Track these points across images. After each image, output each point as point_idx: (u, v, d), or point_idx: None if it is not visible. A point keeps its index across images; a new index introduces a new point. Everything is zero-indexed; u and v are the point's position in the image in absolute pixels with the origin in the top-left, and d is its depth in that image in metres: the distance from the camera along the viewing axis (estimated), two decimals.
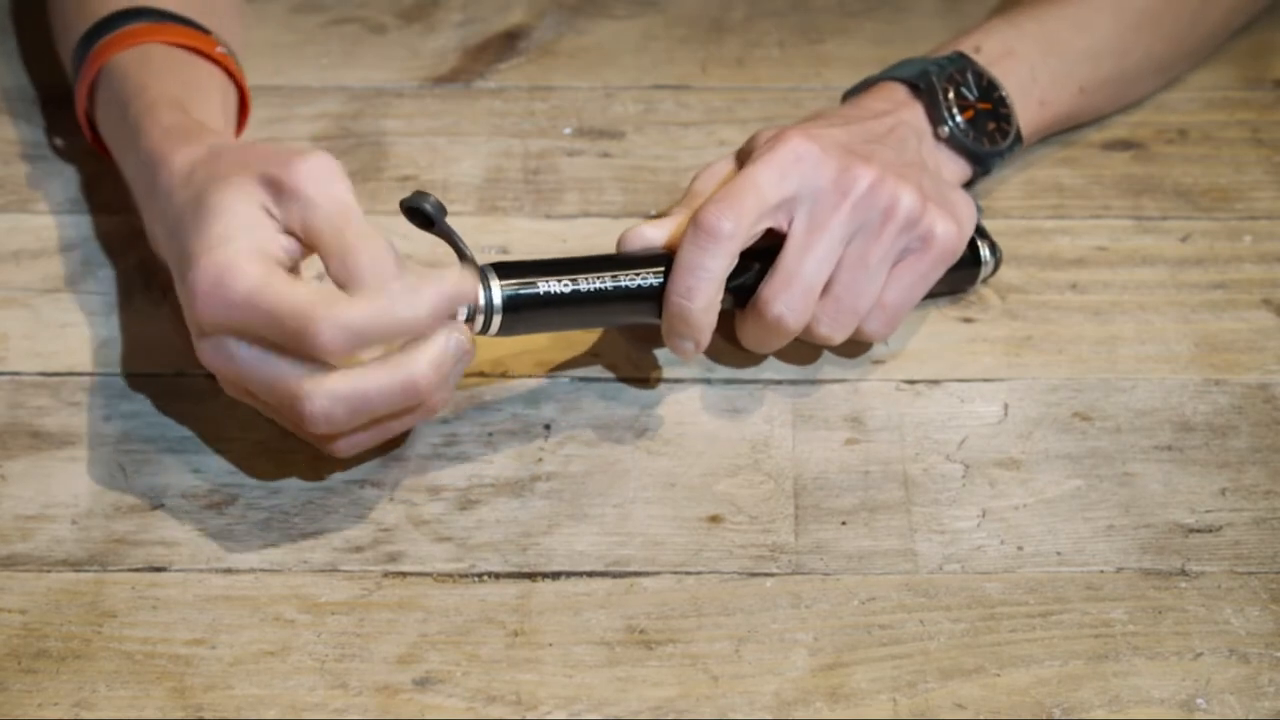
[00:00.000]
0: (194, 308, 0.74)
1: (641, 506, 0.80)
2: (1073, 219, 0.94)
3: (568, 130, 1.01)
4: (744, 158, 0.85)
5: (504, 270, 0.79)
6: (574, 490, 0.80)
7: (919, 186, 0.83)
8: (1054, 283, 0.91)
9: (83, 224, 0.94)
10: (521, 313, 0.79)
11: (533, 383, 0.85)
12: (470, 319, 0.78)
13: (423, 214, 0.78)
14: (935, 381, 0.86)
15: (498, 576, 0.77)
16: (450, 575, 0.77)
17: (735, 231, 0.80)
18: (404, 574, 0.77)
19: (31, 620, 0.74)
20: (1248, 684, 0.72)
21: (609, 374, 0.86)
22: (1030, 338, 0.88)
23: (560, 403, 0.84)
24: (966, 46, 0.93)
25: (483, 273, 0.78)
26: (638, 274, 0.81)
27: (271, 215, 0.76)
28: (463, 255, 0.79)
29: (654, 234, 0.83)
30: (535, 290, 0.79)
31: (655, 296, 0.81)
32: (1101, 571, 0.77)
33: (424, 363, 0.74)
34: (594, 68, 1.06)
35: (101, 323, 0.88)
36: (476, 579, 0.77)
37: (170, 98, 0.85)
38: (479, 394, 0.85)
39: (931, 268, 0.84)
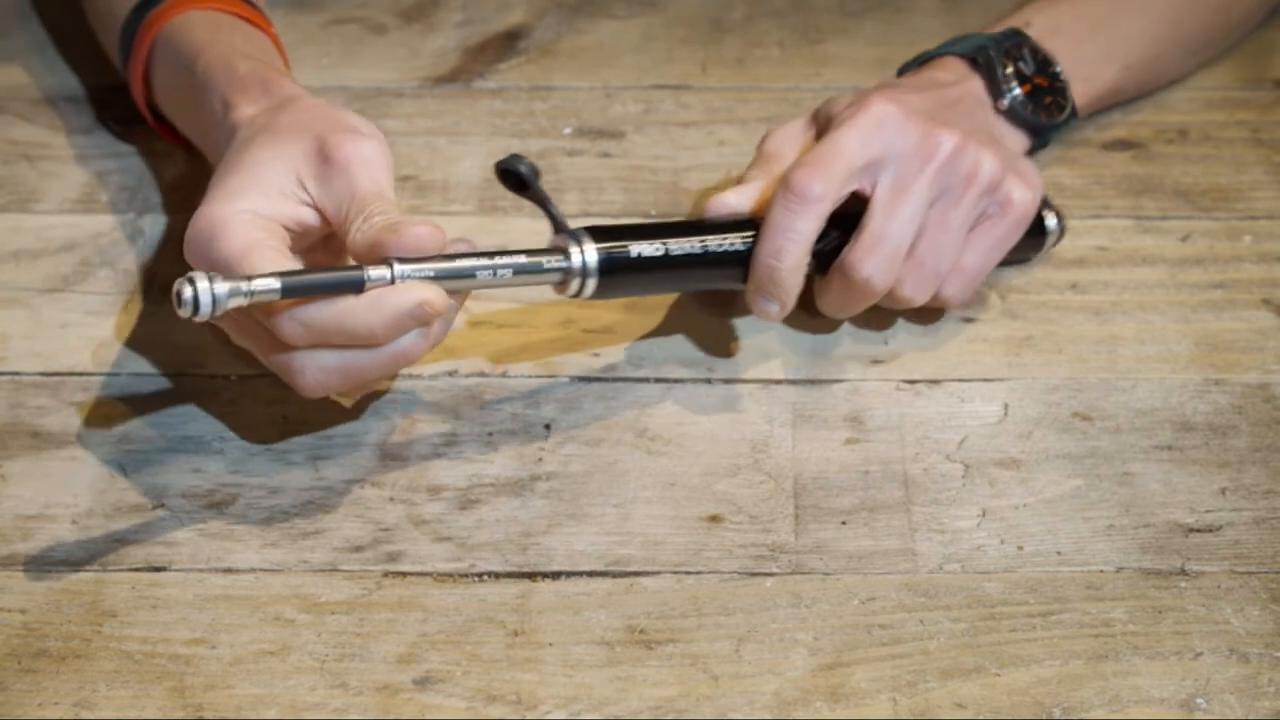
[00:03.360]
0: (185, 245, 0.76)
1: (641, 506, 0.80)
2: (1073, 219, 0.94)
3: (568, 130, 1.01)
4: (821, 120, 0.87)
5: (597, 235, 0.80)
6: (574, 490, 0.80)
7: (997, 152, 0.85)
8: (1054, 283, 0.91)
9: (83, 224, 0.94)
10: (615, 276, 0.80)
11: (533, 383, 0.85)
12: (564, 282, 0.79)
13: (517, 176, 0.79)
14: (935, 381, 0.86)
15: (498, 576, 0.77)
16: (450, 575, 0.77)
17: (824, 194, 0.81)
18: (404, 574, 0.77)
19: (31, 620, 0.74)
20: (1248, 684, 0.72)
21: (609, 374, 0.86)
22: (1030, 338, 0.88)
23: (560, 403, 0.84)
24: (1018, 22, 0.94)
25: (576, 236, 0.79)
26: (725, 238, 0.82)
27: (304, 186, 0.77)
28: (554, 219, 0.80)
29: (737, 200, 0.84)
30: (628, 254, 0.80)
31: (742, 261, 0.83)
32: (1101, 571, 0.77)
33: (383, 314, 0.74)
34: (594, 68, 1.06)
35: (101, 323, 0.88)
36: (476, 579, 0.77)
37: (242, 51, 0.87)
38: (479, 394, 0.85)
39: (1009, 232, 0.85)
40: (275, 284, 0.72)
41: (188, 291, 0.70)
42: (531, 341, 0.87)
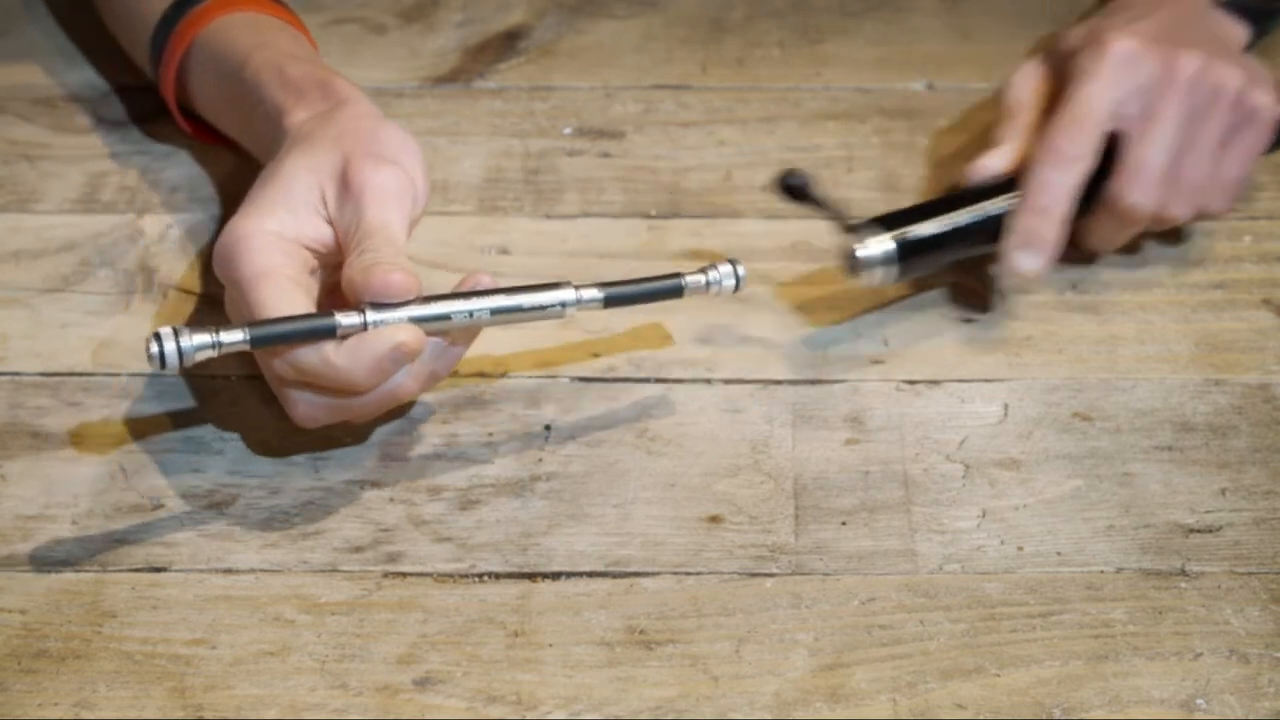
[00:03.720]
0: (213, 255, 0.78)
1: (641, 506, 0.80)
2: None
3: (568, 130, 1.01)
4: (1058, 59, 0.90)
5: (885, 224, 0.84)
6: (574, 490, 0.80)
7: (1236, 65, 0.88)
8: (1054, 282, 0.91)
9: (83, 224, 0.94)
10: (911, 259, 0.84)
11: (533, 383, 0.85)
12: (855, 270, 0.83)
13: (793, 188, 0.85)
14: (935, 382, 0.86)
15: (498, 576, 0.77)
16: (450, 575, 0.77)
17: (1084, 152, 0.86)
18: (404, 574, 0.77)
19: (31, 620, 0.74)
20: (1248, 684, 0.72)
21: (609, 374, 0.86)
22: (1030, 338, 0.88)
23: (560, 403, 0.84)
24: None
25: (869, 230, 0.84)
26: (1000, 201, 0.86)
27: (326, 204, 0.78)
28: (840, 217, 0.84)
29: (997, 163, 0.88)
30: (922, 235, 0.85)
31: None
32: (1101, 571, 0.77)
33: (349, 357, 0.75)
34: (594, 68, 1.06)
35: (101, 323, 0.88)
36: (476, 579, 0.77)
37: (290, 53, 0.87)
38: (479, 394, 0.85)
39: (1258, 139, 0.89)
40: (243, 336, 0.73)
41: (154, 348, 0.72)
42: (531, 341, 0.87)
